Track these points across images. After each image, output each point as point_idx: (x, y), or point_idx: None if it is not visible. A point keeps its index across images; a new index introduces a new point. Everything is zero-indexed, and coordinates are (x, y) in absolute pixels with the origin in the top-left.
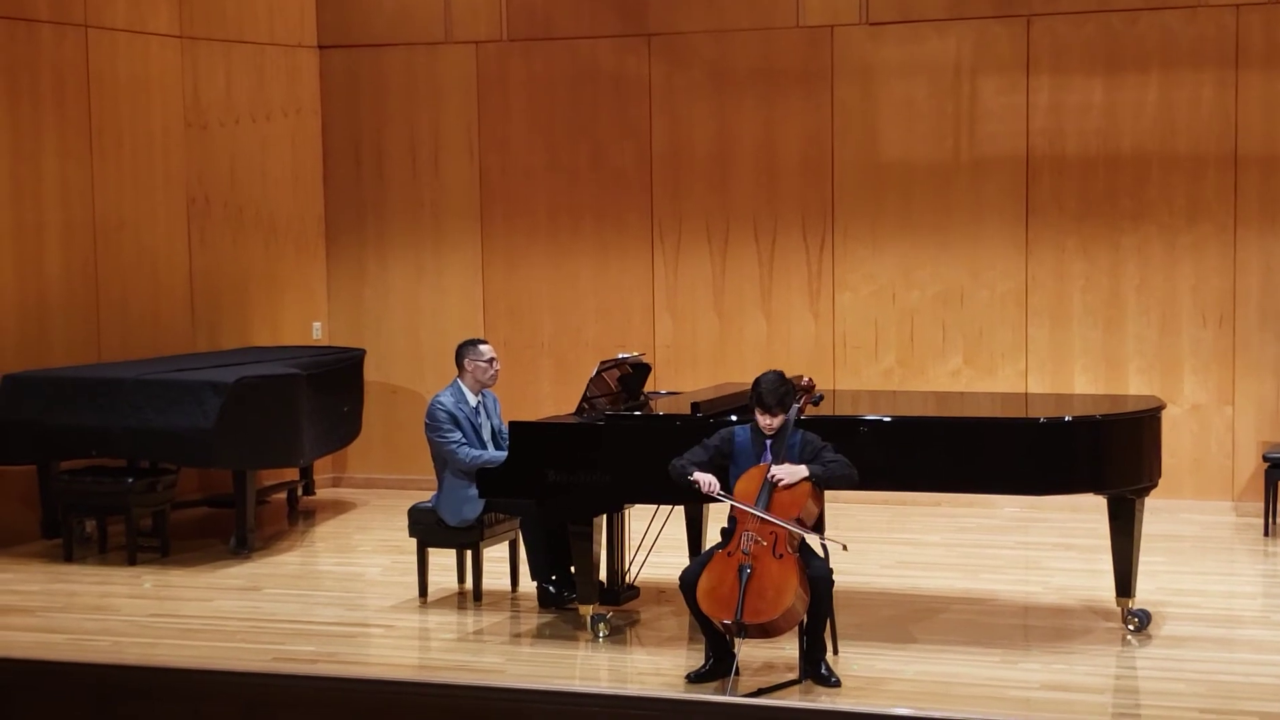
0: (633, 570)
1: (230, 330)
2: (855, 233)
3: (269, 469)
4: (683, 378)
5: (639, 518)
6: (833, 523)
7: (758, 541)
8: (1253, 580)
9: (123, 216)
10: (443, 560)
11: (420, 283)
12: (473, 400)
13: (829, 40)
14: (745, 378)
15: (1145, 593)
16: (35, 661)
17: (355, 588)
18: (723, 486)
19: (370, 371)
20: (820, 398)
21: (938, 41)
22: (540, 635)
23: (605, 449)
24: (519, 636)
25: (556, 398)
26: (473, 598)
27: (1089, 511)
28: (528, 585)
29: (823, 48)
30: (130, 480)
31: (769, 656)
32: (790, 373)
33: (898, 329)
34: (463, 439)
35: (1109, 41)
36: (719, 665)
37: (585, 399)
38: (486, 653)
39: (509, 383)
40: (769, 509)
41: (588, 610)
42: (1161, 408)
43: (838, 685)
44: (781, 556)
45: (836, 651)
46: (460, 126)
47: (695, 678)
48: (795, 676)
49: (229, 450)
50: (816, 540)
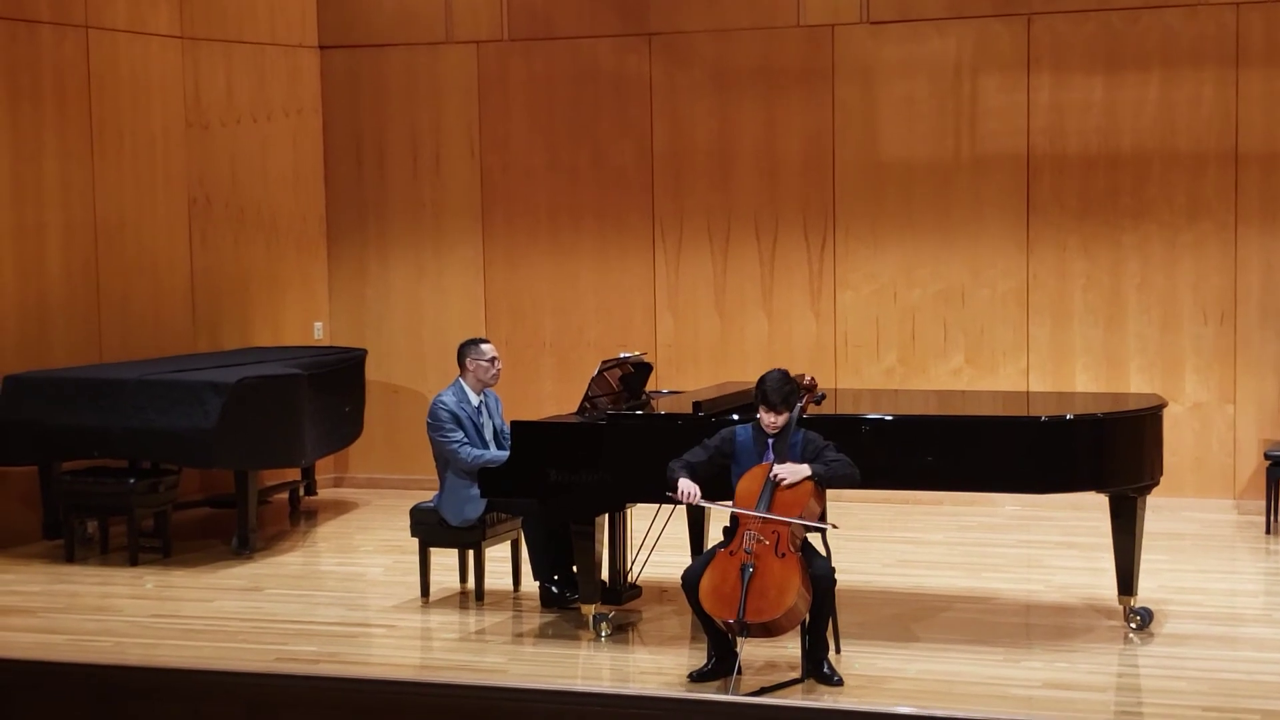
0: (635, 569)
1: (231, 330)
2: (856, 231)
3: (270, 469)
4: (684, 377)
5: (641, 517)
6: (834, 521)
7: (760, 540)
8: (1254, 578)
9: (124, 217)
10: (445, 560)
11: (421, 282)
12: (475, 400)
13: (830, 39)
14: (747, 377)
15: (1147, 591)
16: (37, 662)
17: (357, 588)
18: (724, 486)
19: (372, 371)
20: (822, 397)
21: (938, 40)
22: (542, 635)
23: (607, 448)
24: (521, 636)
25: (558, 397)
26: (475, 597)
27: (1091, 510)
28: (530, 585)
29: (823, 47)
30: (132, 481)
31: (771, 655)
32: (792, 372)
33: (899, 328)
34: (465, 439)
35: (1109, 40)
36: (721, 664)
37: (587, 398)
38: (488, 652)
39: (510, 382)
40: (771, 508)
41: (590, 609)
42: (1163, 406)
43: (840, 684)
44: (784, 555)
45: (839, 650)
46: (461, 126)
47: (697, 677)
48: (797, 675)
49: (230, 450)
50: (818, 532)
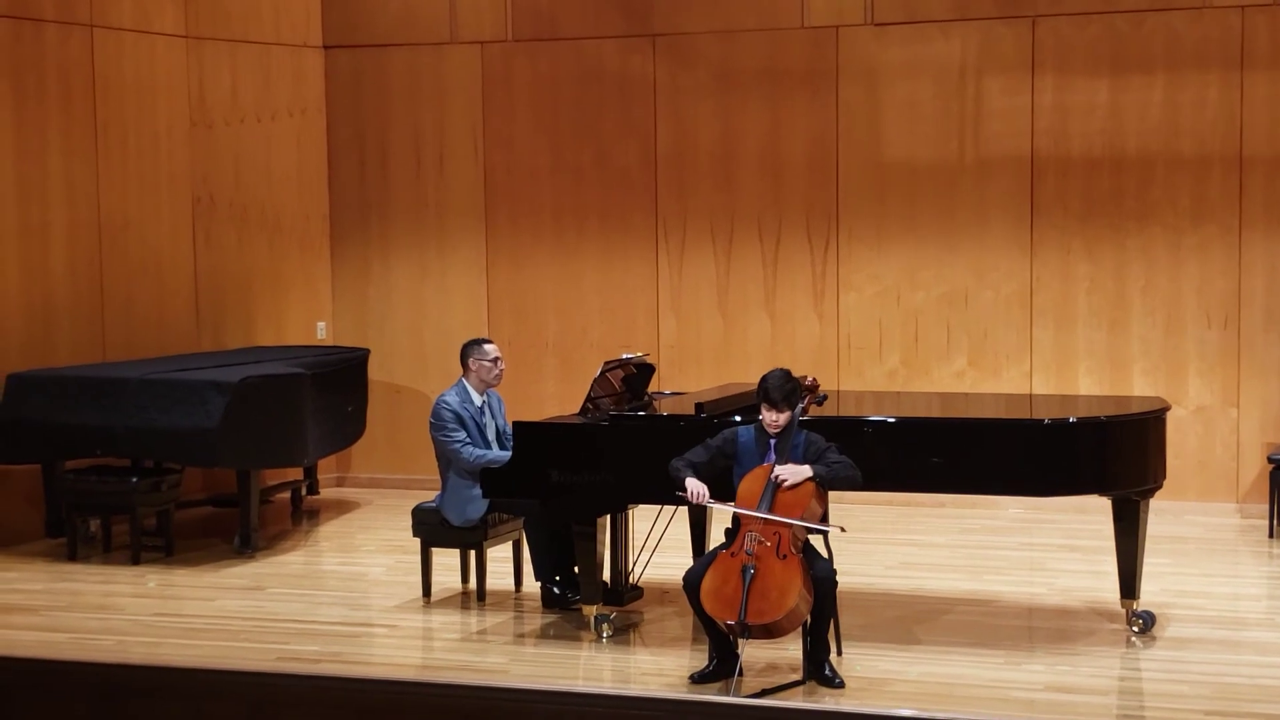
0: (636, 570)
1: (234, 330)
2: (860, 233)
3: (273, 468)
4: (687, 378)
5: (643, 518)
6: (836, 523)
7: (761, 542)
8: (1257, 582)
9: (128, 216)
10: (446, 560)
11: (424, 282)
12: (478, 400)
13: (834, 41)
14: (749, 378)
15: (1149, 594)
16: (39, 661)
17: (359, 587)
18: (726, 486)
19: (374, 371)
20: (824, 398)
21: (942, 42)
22: (544, 635)
23: (609, 449)
24: (522, 637)
25: (560, 398)
26: (476, 598)
27: (1093, 513)
28: (531, 585)
29: (827, 48)
30: (134, 480)
31: (772, 657)
32: (795, 373)
33: (902, 330)
34: (467, 439)
35: (1114, 42)
36: (722, 666)
37: (589, 399)
38: (490, 653)
39: (513, 383)
40: (773, 509)
41: (591, 610)
42: (1166, 409)
43: (841, 686)
44: (785, 557)
45: (840, 652)
46: (465, 126)
47: (699, 678)
48: (799, 677)
49: (233, 450)
50: (820, 534)
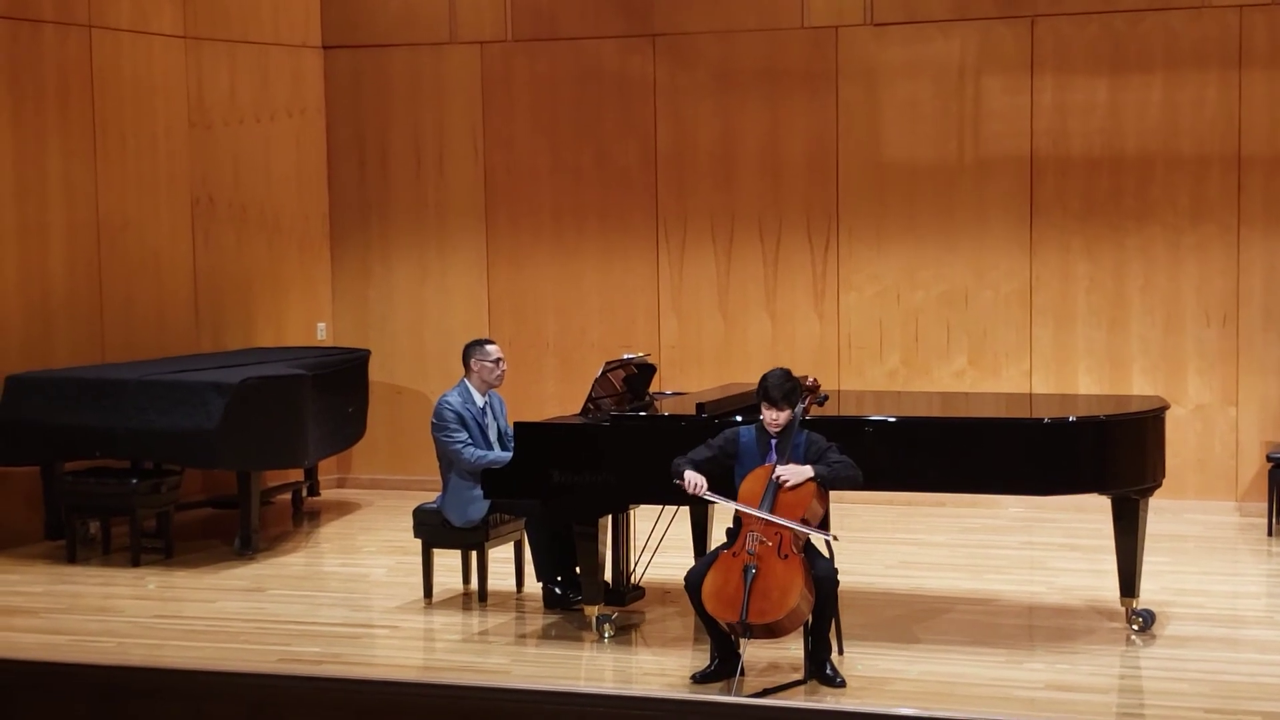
0: (638, 571)
1: (234, 331)
2: (860, 233)
3: (273, 470)
4: (687, 378)
5: (644, 518)
6: (837, 523)
7: (763, 542)
8: (1256, 580)
9: (127, 217)
10: (448, 561)
11: (425, 283)
12: (480, 400)
13: (834, 41)
14: (750, 378)
15: (1149, 593)
16: (39, 663)
17: (360, 588)
18: (727, 486)
19: (375, 372)
20: (825, 398)
21: (942, 42)
22: (545, 636)
23: (610, 449)
24: (524, 637)
25: (561, 398)
26: (478, 598)
27: (1093, 512)
28: (533, 586)
29: (827, 48)
30: (134, 481)
31: (774, 657)
32: (795, 373)
33: (902, 329)
34: (469, 439)
35: (1113, 42)
36: (724, 666)
37: (590, 399)
38: (491, 653)
39: (514, 383)
40: (774, 509)
41: (593, 611)
42: (1165, 408)
43: (842, 685)
44: (786, 557)
45: (841, 652)
46: (465, 127)
47: (700, 678)
48: (800, 677)
49: (233, 451)
50: (820, 539)
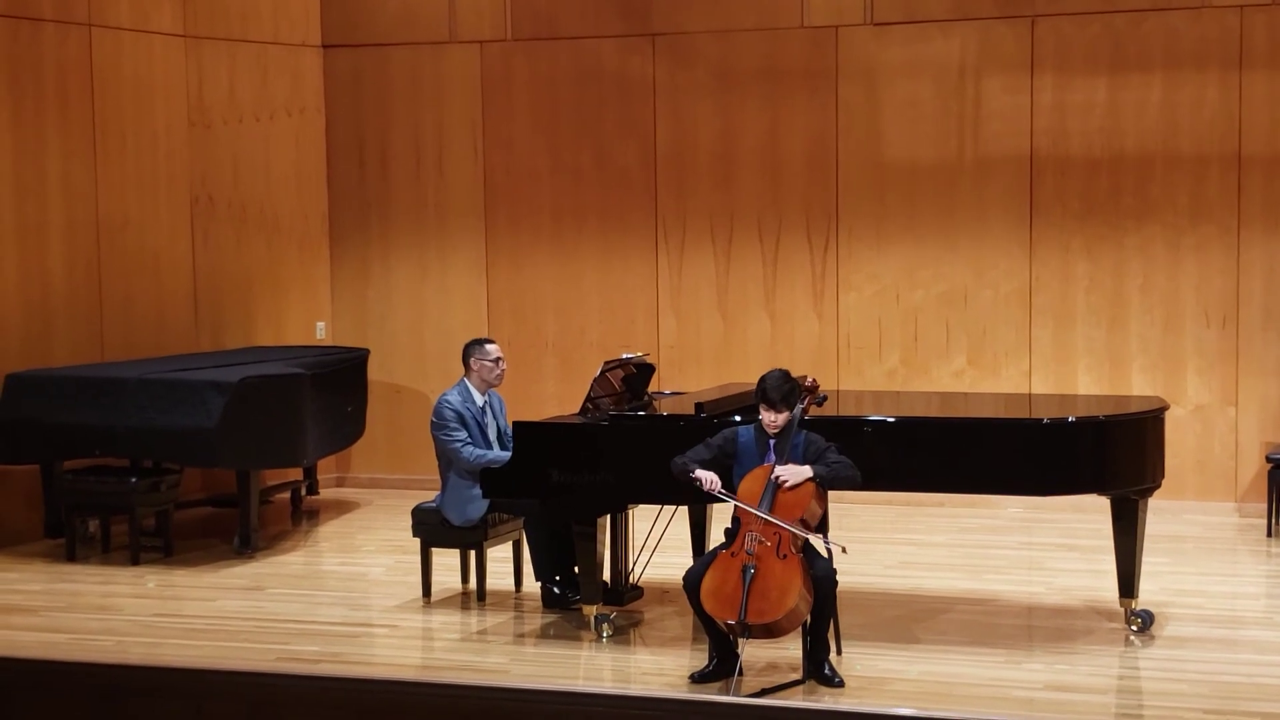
0: (636, 570)
1: (234, 330)
2: (859, 233)
3: (272, 469)
4: (687, 378)
5: (643, 518)
6: (836, 523)
7: (761, 542)
8: (1255, 581)
9: (126, 216)
10: (446, 560)
11: (424, 283)
12: (479, 400)
13: (833, 40)
14: (749, 378)
15: (1148, 593)
16: (38, 661)
17: (359, 588)
18: (727, 486)
19: (374, 371)
20: (824, 398)
21: (942, 42)
22: (544, 635)
23: (609, 449)
24: (523, 637)
25: (560, 398)
26: (476, 598)
27: (1092, 512)
28: (531, 585)
29: (827, 48)
30: (134, 480)
31: (772, 657)
32: (794, 373)
33: (901, 329)
34: (468, 438)
35: (1113, 42)
36: (722, 665)
37: (589, 399)
38: (490, 653)
39: (513, 383)
40: (773, 510)
41: (591, 610)
42: (1165, 408)
43: (841, 685)
44: (785, 557)
45: (840, 652)
46: (464, 126)
47: (699, 678)
48: (798, 677)
49: (232, 450)
50: (820, 542)
